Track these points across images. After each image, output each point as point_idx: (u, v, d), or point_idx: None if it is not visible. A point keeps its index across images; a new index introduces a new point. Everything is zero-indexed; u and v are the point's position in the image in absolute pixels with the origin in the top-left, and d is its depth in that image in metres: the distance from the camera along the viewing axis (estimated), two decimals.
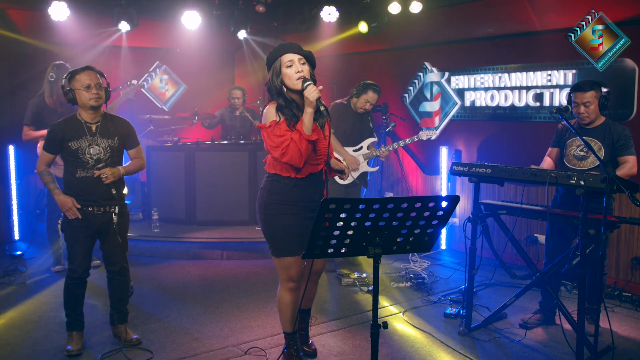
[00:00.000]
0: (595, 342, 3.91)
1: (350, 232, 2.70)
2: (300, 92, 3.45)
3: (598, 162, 4.39)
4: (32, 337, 4.46)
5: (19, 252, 6.51)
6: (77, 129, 4.08)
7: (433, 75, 7.51)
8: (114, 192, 4.11)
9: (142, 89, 8.93)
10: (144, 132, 8.20)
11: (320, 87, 3.41)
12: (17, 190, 7.25)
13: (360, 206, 2.60)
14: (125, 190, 4.31)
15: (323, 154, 3.58)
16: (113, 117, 4.26)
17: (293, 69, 3.47)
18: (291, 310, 3.79)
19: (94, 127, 4.12)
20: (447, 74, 7.34)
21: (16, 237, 7.34)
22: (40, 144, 5.47)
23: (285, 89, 3.52)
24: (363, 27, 7.51)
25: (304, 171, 3.56)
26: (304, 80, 3.41)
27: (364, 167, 6.12)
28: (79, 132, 4.07)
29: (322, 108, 3.37)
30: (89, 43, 8.04)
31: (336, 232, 2.68)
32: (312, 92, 3.34)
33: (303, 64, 3.50)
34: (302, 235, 3.57)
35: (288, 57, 3.48)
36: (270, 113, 3.53)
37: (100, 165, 4.08)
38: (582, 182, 3.83)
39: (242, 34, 8.43)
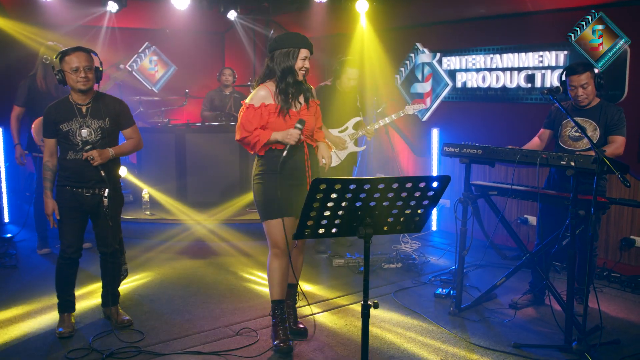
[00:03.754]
0: (583, 322, 3.94)
1: (341, 212, 2.70)
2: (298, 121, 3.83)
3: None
4: (23, 318, 4.45)
5: (9, 235, 6.48)
6: (68, 111, 4.04)
7: (424, 56, 7.48)
8: (103, 174, 4.08)
9: (133, 71, 8.85)
10: (133, 113, 8.10)
11: (302, 137, 3.86)
12: (7, 173, 7.21)
13: (351, 186, 2.59)
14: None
15: (306, 129, 3.88)
16: (104, 96, 4.20)
17: (305, 62, 3.84)
18: (277, 277, 3.96)
19: (84, 109, 4.07)
20: (438, 54, 7.31)
21: (6, 219, 7.31)
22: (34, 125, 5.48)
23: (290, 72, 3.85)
24: (364, 4, 7.45)
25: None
26: (299, 121, 3.80)
27: (351, 147, 6.07)
28: (69, 114, 4.04)
29: (284, 153, 3.78)
30: (76, 24, 7.95)
31: (327, 213, 2.68)
32: (290, 137, 3.78)
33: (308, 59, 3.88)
34: (285, 201, 3.88)
35: (305, 53, 3.83)
36: (258, 95, 3.86)
37: (87, 147, 4.02)
38: (573, 163, 3.84)
39: (232, 15, 8.35)
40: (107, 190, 4.13)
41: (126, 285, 5.10)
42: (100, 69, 4.17)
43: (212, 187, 7.40)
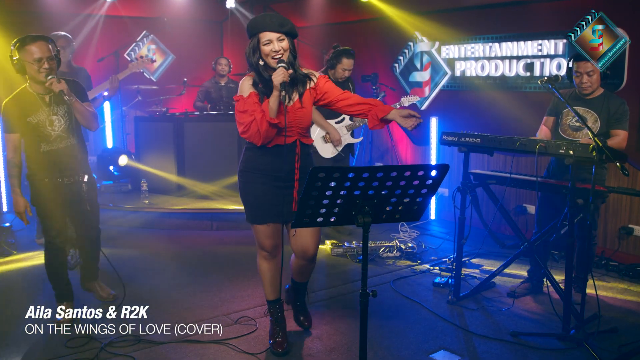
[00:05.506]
0: (581, 311, 3.95)
1: (339, 201, 2.69)
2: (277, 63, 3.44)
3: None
4: (22, 308, 4.42)
5: (7, 224, 6.47)
6: (32, 102, 3.96)
7: (423, 44, 7.46)
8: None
9: (130, 61, 8.82)
10: (131, 103, 8.12)
11: (290, 71, 3.42)
12: (4, 163, 7.19)
13: (350, 175, 2.58)
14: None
15: (296, 126, 3.55)
16: (60, 80, 4.07)
17: (270, 47, 3.41)
18: (268, 278, 3.87)
19: (47, 98, 4.01)
20: (437, 43, 7.29)
21: (4, 209, 7.30)
22: None
23: (262, 64, 3.48)
24: None
25: (274, 141, 3.53)
26: (279, 61, 3.40)
27: (347, 139, 6.04)
28: (35, 106, 3.96)
29: (282, 93, 3.34)
30: (74, 12, 7.91)
31: (325, 201, 2.67)
32: (276, 76, 3.34)
33: (282, 40, 3.42)
34: (270, 205, 3.61)
35: (267, 36, 3.40)
36: (244, 86, 3.55)
37: (63, 134, 4.04)
38: (572, 152, 3.83)
39: (230, 3, 8.32)
40: (86, 176, 4.17)
41: (125, 274, 5.10)
42: (58, 57, 4.07)
43: (211, 176, 7.40)
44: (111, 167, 7.76)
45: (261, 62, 3.47)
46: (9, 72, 5.72)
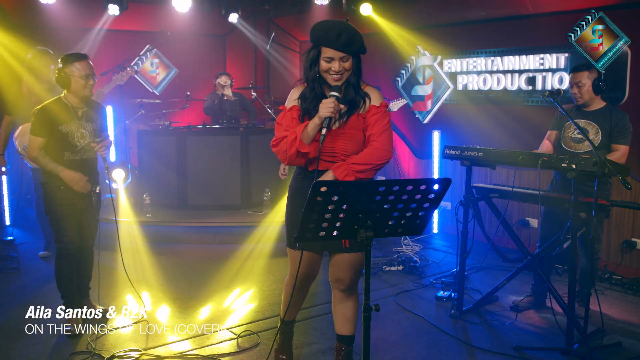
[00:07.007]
0: (585, 325, 3.93)
1: (342, 215, 2.69)
2: (331, 86, 3.14)
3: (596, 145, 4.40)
4: (25, 322, 4.41)
5: (10, 238, 6.47)
6: (66, 112, 4.19)
7: (425, 58, 7.48)
8: (106, 164, 4.28)
9: (134, 75, 8.85)
10: (134, 116, 8.14)
11: (342, 106, 3.13)
12: (7, 176, 7.20)
13: (352, 189, 2.58)
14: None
15: (339, 152, 3.22)
16: (91, 101, 4.37)
17: (330, 65, 3.10)
18: (289, 301, 3.66)
19: (80, 112, 4.25)
20: (439, 57, 7.31)
21: (7, 222, 7.31)
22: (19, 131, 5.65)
23: (317, 77, 3.17)
24: (367, 8, 7.45)
25: (310, 164, 3.27)
26: (334, 87, 3.10)
27: None
28: (68, 116, 4.18)
29: (323, 131, 3.04)
30: (77, 26, 7.96)
31: (327, 215, 2.67)
32: (324, 108, 3.03)
33: (345, 60, 3.10)
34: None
35: (329, 53, 3.07)
36: (291, 97, 3.30)
37: (98, 139, 4.28)
38: (574, 166, 3.83)
39: (233, 17, 8.36)
40: (98, 187, 4.40)
41: (128, 289, 5.10)
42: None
43: (214, 190, 7.39)
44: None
45: (317, 75, 3.16)
46: (12, 86, 5.82)
